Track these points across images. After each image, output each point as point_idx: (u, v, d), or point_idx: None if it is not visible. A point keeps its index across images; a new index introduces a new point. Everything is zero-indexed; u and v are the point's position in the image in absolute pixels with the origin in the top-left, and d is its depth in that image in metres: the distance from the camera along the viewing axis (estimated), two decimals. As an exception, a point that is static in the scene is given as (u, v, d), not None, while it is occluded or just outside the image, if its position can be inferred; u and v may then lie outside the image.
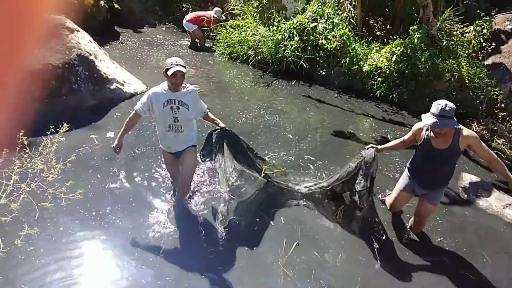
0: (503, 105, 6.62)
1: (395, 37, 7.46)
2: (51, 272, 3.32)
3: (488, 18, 7.23)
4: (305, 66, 7.51)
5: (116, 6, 9.36)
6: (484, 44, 7.27)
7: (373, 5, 8.47)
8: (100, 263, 3.47)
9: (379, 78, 7.18)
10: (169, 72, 3.36)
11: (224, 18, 9.18)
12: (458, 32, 7.42)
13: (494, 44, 7.31)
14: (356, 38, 7.81)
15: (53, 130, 3.49)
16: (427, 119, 3.20)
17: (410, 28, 7.14)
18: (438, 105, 3.14)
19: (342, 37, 7.57)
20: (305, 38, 7.67)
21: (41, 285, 3.20)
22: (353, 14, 8.19)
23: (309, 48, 7.62)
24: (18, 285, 3.17)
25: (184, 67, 3.42)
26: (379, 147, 3.89)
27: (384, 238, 4.00)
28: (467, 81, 6.77)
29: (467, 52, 7.23)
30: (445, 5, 7.83)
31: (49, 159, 3.40)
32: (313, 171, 5.01)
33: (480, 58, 7.30)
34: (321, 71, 7.70)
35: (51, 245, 3.55)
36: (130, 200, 4.17)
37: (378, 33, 8.46)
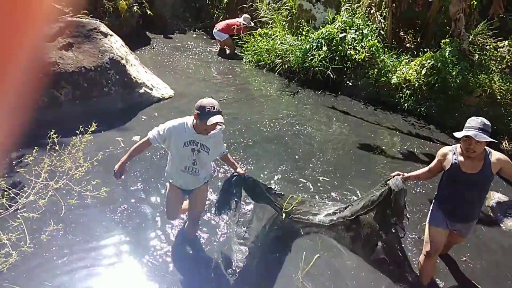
0: (536, 123, 6.39)
1: (425, 49, 7.33)
2: (73, 270, 3.41)
3: (524, 33, 7.02)
4: (332, 76, 7.47)
5: (149, 12, 9.60)
6: (518, 59, 7.05)
7: (404, 16, 8.37)
8: (121, 263, 3.54)
9: (407, 91, 7.06)
10: (209, 122, 2.89)
11: (253, 24, 9.26)
12: (491, 46, 7.23)
13: (529, 60, 7.08)
14: (386, 49, 7.72)
15: (82, 130, 3.59)
16: (465, 131, 2.98)
17: (442, 41, 7.00)
18: (477, 118, 2.99)
19: (371, 48, 7.50)
20: (333, 48, 7.65)
21: (62, 282, 3.29)
22: (383, 26, 8.12)
23: (337, 58, 7.59)
24: (41, 282, 3.27)
25: (222, 115, 3.02)
26: (406, 175, 3.56)
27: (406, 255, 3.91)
28: (498, 97, 6.57)
29: (500, 67, 7.02)
30: (479, 19, 7.65)
31: (77, 157, 3.50)
32: (334, 190, 4.96)
33: (514, 74, 7.08)
34: (348, 82, 7.64)
35: (75, 243, 3.65)
36: (152, 202, 4.24)
37: (408, 45, 8.34)
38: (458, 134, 3.05)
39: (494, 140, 2.99)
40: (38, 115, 5.37)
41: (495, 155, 3.07)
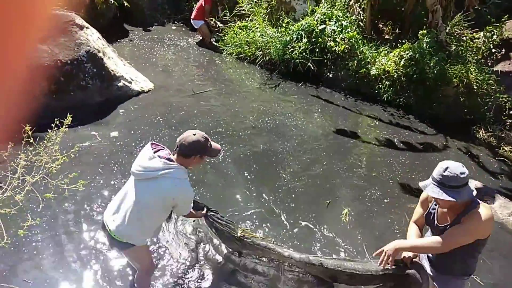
0: (511, 112, 6.56)
1: (404, 41, 7.42)
2: (53, 265, 3.35)
3: (498, 24, 7.17)
4: (312, 68, 7.50)
5: (126, 3, 9.41)
6: (493, 50, 7.21)
7: (383, 8, 8.44)
8: (101, 256, 3.49)
9: (386, 82, 7.15)
10: (214, 152, 2.74)
11: None
12: (467, 37, 7.37)
13: (503, 50, 7.25)
14: (365, 41, 7.78)
15: (57, 123, 3.52)
16: (425, 182, 2.46)
17: (419, 32, 7.10)
18: (442, 166, 2.35)
19: (351, 40, 7.55)
20: (313, 40, 7.66)
21: (42, 278, 3.23)
22: (362, 17, 8.17)
23: (317, 50, 7.61)
24: (20, 277, 3.20)
25: None
26: (407, 255, 2.52)
27: None
28: (475, 87, 6.72)
29: (476, 58, 7.17)
30: (455, 11, 7.78)
31: (53, 151, 3.43)
32: (313, 187, 5.00)
33: (489, 64, 7.24)
34: (328, 74, 7.69)
35: (53, 237, 3.58)
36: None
37: (387, 36, 8.43)
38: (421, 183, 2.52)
39: (451, 199, 2.28)
40: (13, 110, 5.23)
41: (469, 214, 2.35)
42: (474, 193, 2.36)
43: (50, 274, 3.28)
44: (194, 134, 2.59)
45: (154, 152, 2.59)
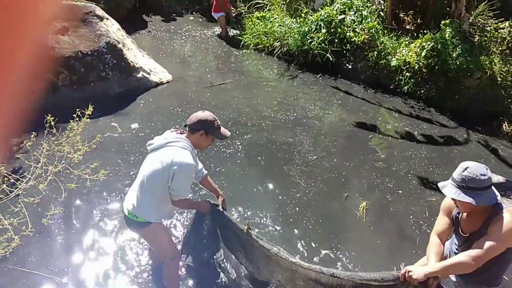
0: (537, 104, 6.37)
1: (425, 31, 7.26)
2: (75, 254, 3.43)
3: (525, 13, 6.95)
4: (331, 59, 7.41)
5: (145, -6, 9.46)
6: (519, 40, 6.99)
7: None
8: (121, 246, 3.55)
9: (407, 73, 7.02)
10: (222, 136, 2.76)
11: None
12: (491, 27, 7.16)
13: (530, 41, 7.02)
14: (385, 31, 7.64)
15: (79, 114, 3.58)
16: (444, 183, 2.34)
17: (442, 22, 6.93)
18: (463, 167, 2.24)
19: (371, 30, 7.42)
20: (332, 30, 7.56)
21: (64, 266, 3.32)
22: (383, 7, 8.02)
23: (336, 40, 7.51)
24: (44, 265, 3.29)
25: None
26: (431, 270, 2.20)
27: None
28: (499, 79, 6.54)
29: (500, 49, 6.97)
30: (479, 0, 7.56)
31: (75, 141, 3.49)
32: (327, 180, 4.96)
33: (515, 55, 7.03)
34: (347, 65, 7.59)
35: (75, 226, 3.66)
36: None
37: (408, 27, 8.25)
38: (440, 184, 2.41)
39: (468, 200, 2.17)
40: (35, 100, 5.34)
41: (496, 219, 2.21)
42: (499, 198, 2.25)
43: (72, 263, 3.36)
44: (203, 111, 2.70)
45: (171, 132, 2.75)
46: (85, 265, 3.34)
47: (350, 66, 7.56)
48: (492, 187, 2.26)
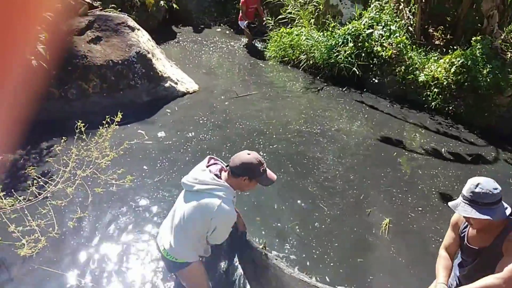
0: None
1: (455, 47, 7.14)
2: (98, 257, 3.50)
3: (560, 30, 6.75)
4: (357, 73, 7.37)
5: (175, 6, 9.69)
6: (554, 58, 6.78)
7: (434, 13, 8.16)
8: (146, 251, 3.60)
9: (435, 89, 6.89)
10: (270, 181, 2.52)
11: None
12: (525, 44, 6.98)
13: None
14: (414, 46, 7.55)
15: (108, 120, 3.68)
16: (455, 202, 2.29)
17: (473, 39, 6.80)
18: (473, 182, 2.20)
19: (399, 45, 7.35)
20: (359, 44, 7.54)
21: (88, 269, 3.39)
22: (411, 22, 7.95)
23: (363, 54, 7.48)
24: (68, 268, 3.37)
25: None
26: (442, 281, 2.39)
27: None
28: (531, 97, 6.34)
29: (534, 66, 6.76)
30: (512, 16, 7.40)
31: (103, 147, 3.58)
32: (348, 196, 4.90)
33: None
34: (373, 79, 7.52)
35: (99, 230, 3.74)
36: (173, 195, 4.30)
37: (437, 42, 8.14)
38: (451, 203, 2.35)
39: (485, 217, 2.12)
40: (67, 106, 5.53)
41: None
42: (508, 210, 2.19)
43: (95, 267, 3.43)
44: (249, 154, 2.43)
45: (207, 166, 2.50)
46: (106, 269, 3.40)
47: (376, 80, 7.50)
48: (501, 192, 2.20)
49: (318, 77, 7.87)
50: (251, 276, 2.94)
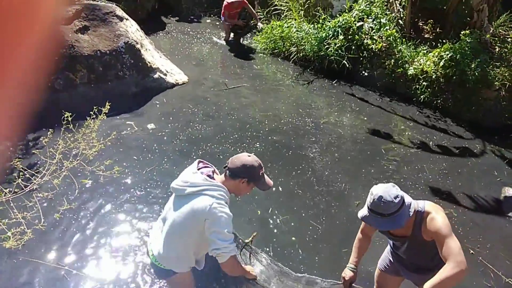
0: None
1: (444, 41, 7.18)
2: (85, 249, 3.47)
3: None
4: (347, 65, 7.38)
5: (164, -4, 9.57)
6: (541, 53, 6.86)
7: (424, 6, 8.18)
8: (133, 243, 3.59)
9: (424, 83, 6.94)
10: (267, 186, 2.48)
11: None
12: (513, 39, 7.05)
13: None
14: (403, 40, 7.58)
15: (96, 111, 3.63)
16: (363, 212, 2.34)
17: (462, 32, 6.85)
18: (373, 197, 2.22)
19: (389, 38, 7.37)
20: (349, 37, 7.54)
21: (74, 261, 3.36)
22: (402, 15, 7.96)
23: (353, 47, 7.48)
24: (55, 260, 3.34)
25: None
26: (352, 261, 2.72)
27: None
28: (518, 91, 6.42)
29: (521, 60, 6.84)
30: (501, 10, 7.45)
31: (90, 138, 3.54)
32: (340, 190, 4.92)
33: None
34: (363, 72, 7.54)
35: (87, 222, 3.71)
36: (166, 185, 4.28)
37: (426, 35, 8.18)
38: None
39: (400, 225, 2.20)
40: (54, 97, 5.44)
41: (429, 221, 2.22)
42: (412, 205, 2.24)
43: (82, 259, 3.40)
44: (249, 156, 2.39)
45: (198, 169, 2.41)
46: (95, 262, 3.38)
47: (366, 73, 7.52)
48: (403, 197, 2.23)
49: (308, 70, 7.86)
50: None
